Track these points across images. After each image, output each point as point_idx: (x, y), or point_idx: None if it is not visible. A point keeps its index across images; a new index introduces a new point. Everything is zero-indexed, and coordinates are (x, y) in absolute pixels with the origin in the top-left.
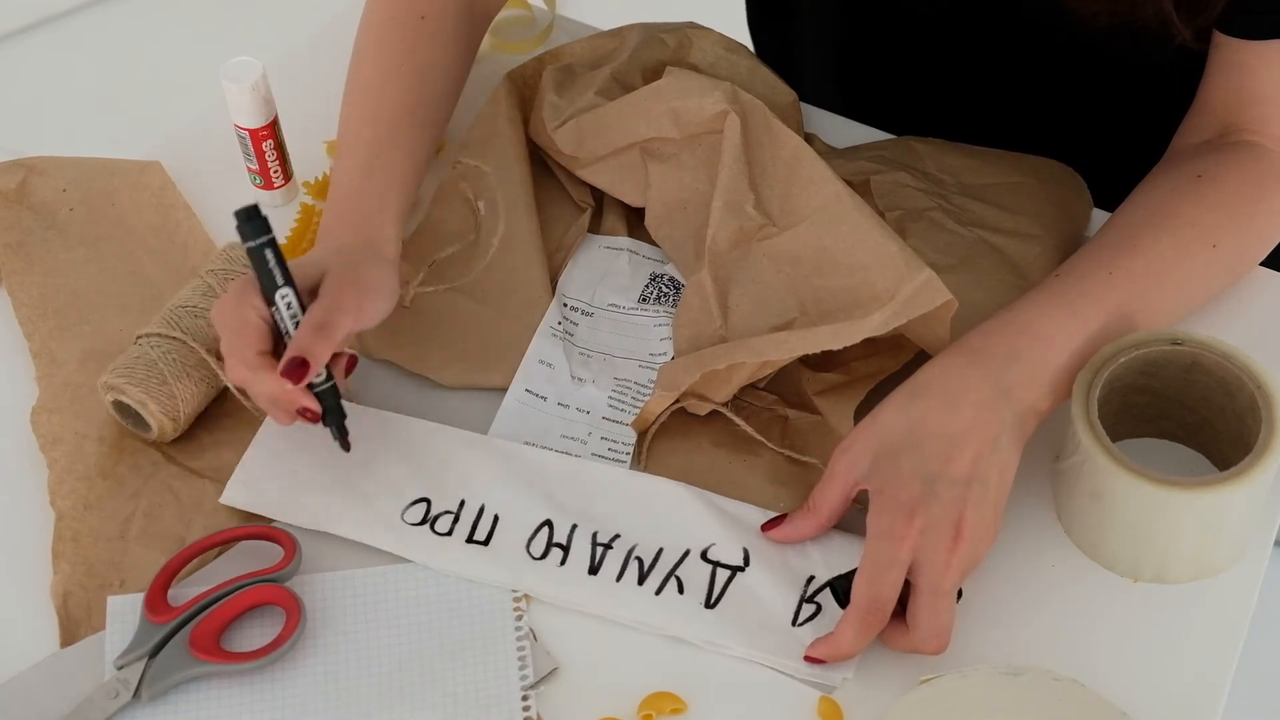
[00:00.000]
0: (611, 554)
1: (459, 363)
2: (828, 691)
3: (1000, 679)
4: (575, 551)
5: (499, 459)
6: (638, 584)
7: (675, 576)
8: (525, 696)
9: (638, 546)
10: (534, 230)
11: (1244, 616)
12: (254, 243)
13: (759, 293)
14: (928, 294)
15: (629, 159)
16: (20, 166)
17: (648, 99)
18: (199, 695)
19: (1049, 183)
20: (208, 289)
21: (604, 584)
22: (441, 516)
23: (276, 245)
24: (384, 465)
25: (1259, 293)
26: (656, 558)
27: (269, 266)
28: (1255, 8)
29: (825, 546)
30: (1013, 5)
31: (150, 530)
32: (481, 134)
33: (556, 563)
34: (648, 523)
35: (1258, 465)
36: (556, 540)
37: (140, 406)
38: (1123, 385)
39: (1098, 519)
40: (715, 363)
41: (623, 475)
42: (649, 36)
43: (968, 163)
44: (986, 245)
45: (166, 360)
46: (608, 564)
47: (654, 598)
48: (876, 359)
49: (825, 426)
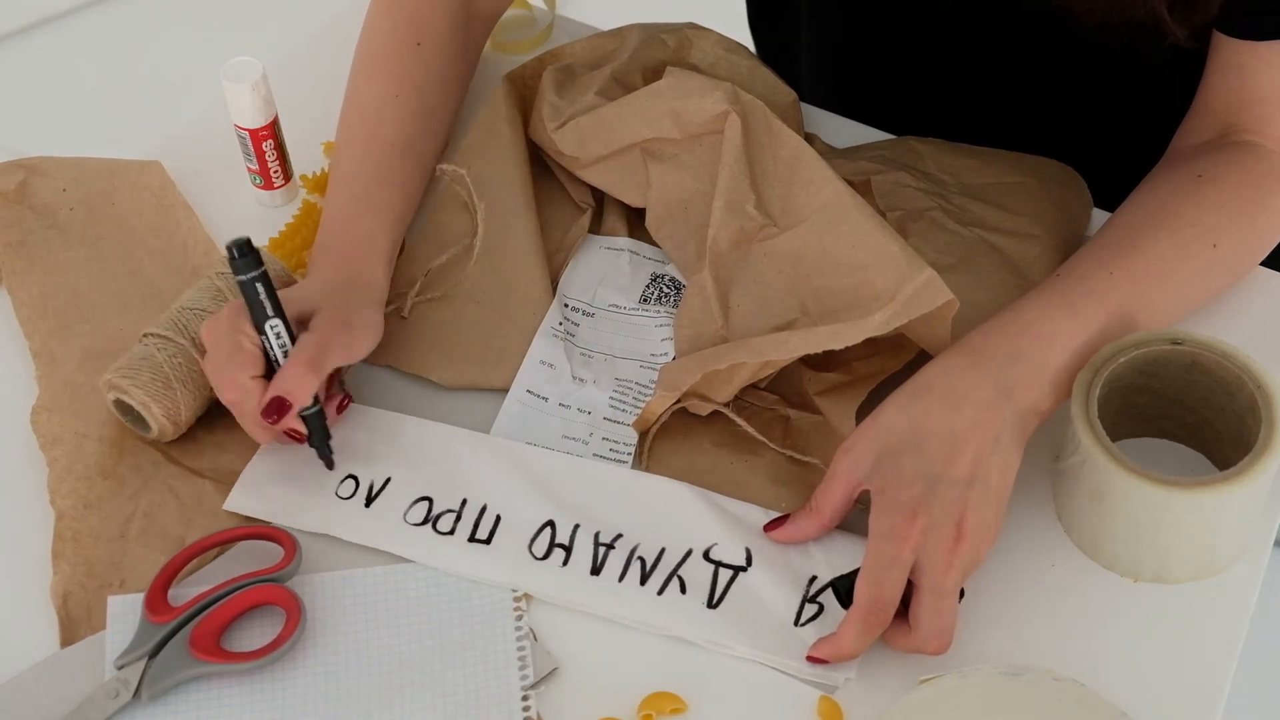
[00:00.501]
0: (614, 554)
1: (460, 364)
2: (829, 691)
3: (1001, 679)
4: (577, 552)
5: (501, 458)
6: (640, 584)
7: (677, 576)
8: (525, 696)
9: (640, 546)
10: (534, 231)
11: (1244, 616)
12: (244, 276)
13: (760, 293)
14: (929, 294)
15: (629, 159)
16: (20, 167)
17: (648, 99)
18: (199, 695)
19: (1049, 183)
20: (216, 291)
21: (606, 584)
22: (443, 515)
23: (268, 278)
24: (386, 466)
25: (1259, 293)
26: (659, 558)
27: (260, 299)
28: (1256, 8)
29: (827, 546)
30: (1013, 5)
31: (150, 530)
32: (481, 136)
33: (559, 563)
34: (650, 523)
35: (1258, 465)
36: (559, 540)
37: (143, 409)
38: (1123, 385)
39: (1098, 519)
40: (716, 363)
41: (625, 475)
42: (649, 37)
43: (968, 163)
44: (987, 245)
45: (172, 364)
46: (610, 564)
47: (656, 598)
48: (878, 359)
49: (827, 426)
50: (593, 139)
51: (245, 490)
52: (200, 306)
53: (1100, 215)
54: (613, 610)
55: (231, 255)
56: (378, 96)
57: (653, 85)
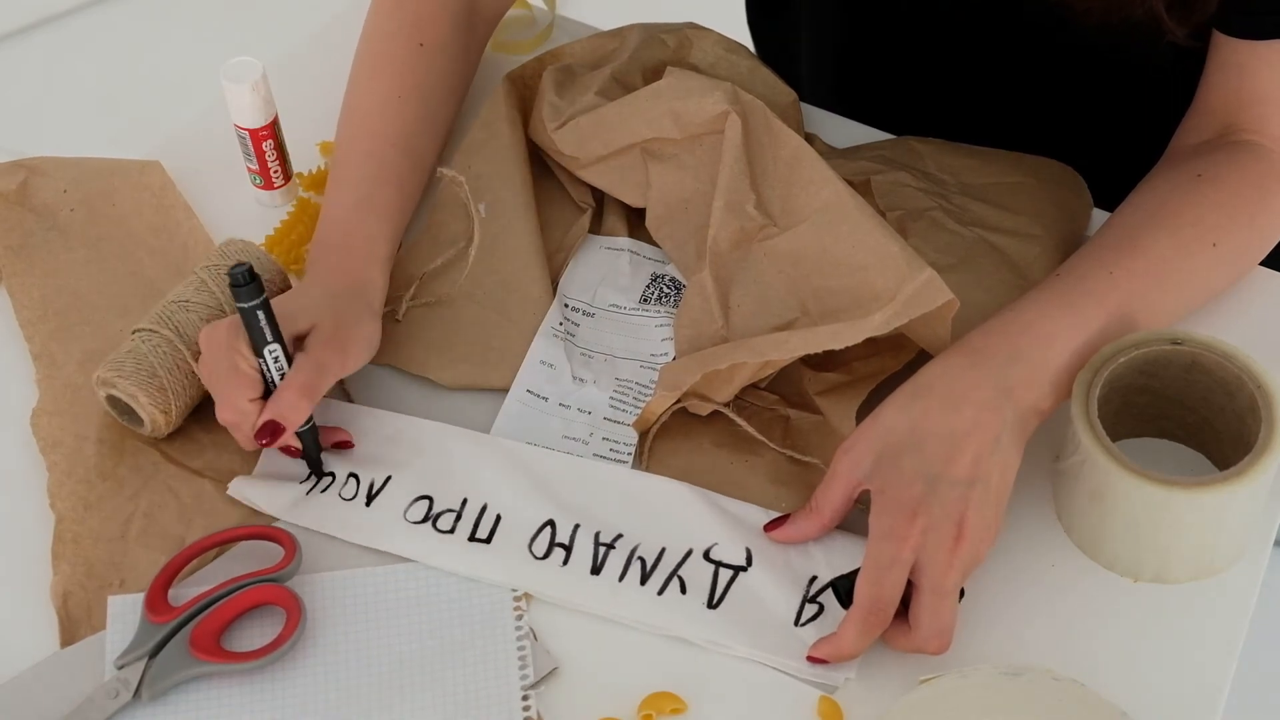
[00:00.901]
0: (614, 554)
1: (460, 364)
2: (829, 692)
3: (1000, 679)
4: (578, 551)
5: (501, 457)
6: (640, 584)
7: (678, 576)
8: (525, 696)
9: (640, 546)
10: (534, 231)
11: (1244, 616)
12: (246, 305)
13: (760, 293)
14: (929, 293)
15: (629, 159)
16: (20, 167)
17: (648, 99)
18: (199, 695)
19: (1049, 182)
20: (201, 284)
21: (606, 584)
22: (443, 514)
23: (269, 306)
24: (386, 465)
25: (1259, 293)
26: (659, 558)
27: (260, 326)
28: (1255, 8)
29: (827, 546)
30: (1013, 5)
31: (150, 530)
32: (481, 136)
33: (559, 563)
34: (650, 523)
35: (1258, 465)
36: (559, 540)
37: (131, 400)
38: (1123, 385)
39: (1098, 519)
40: (717, 363)
41: (625, 475)
42: (649, 37)
43: (968, 163)
44: (987, 245)
45: (158, 354)
46: (610, 564)
47: (656, 598)
48: (878, 359)
49: (827, 426)
50: (593, 139)
51: (248, 480)
52: (185, 299)
53: (1100, 215)
54: (612, 610)
55: (235, 282)
56: (380, 97)
57: (653, 85)
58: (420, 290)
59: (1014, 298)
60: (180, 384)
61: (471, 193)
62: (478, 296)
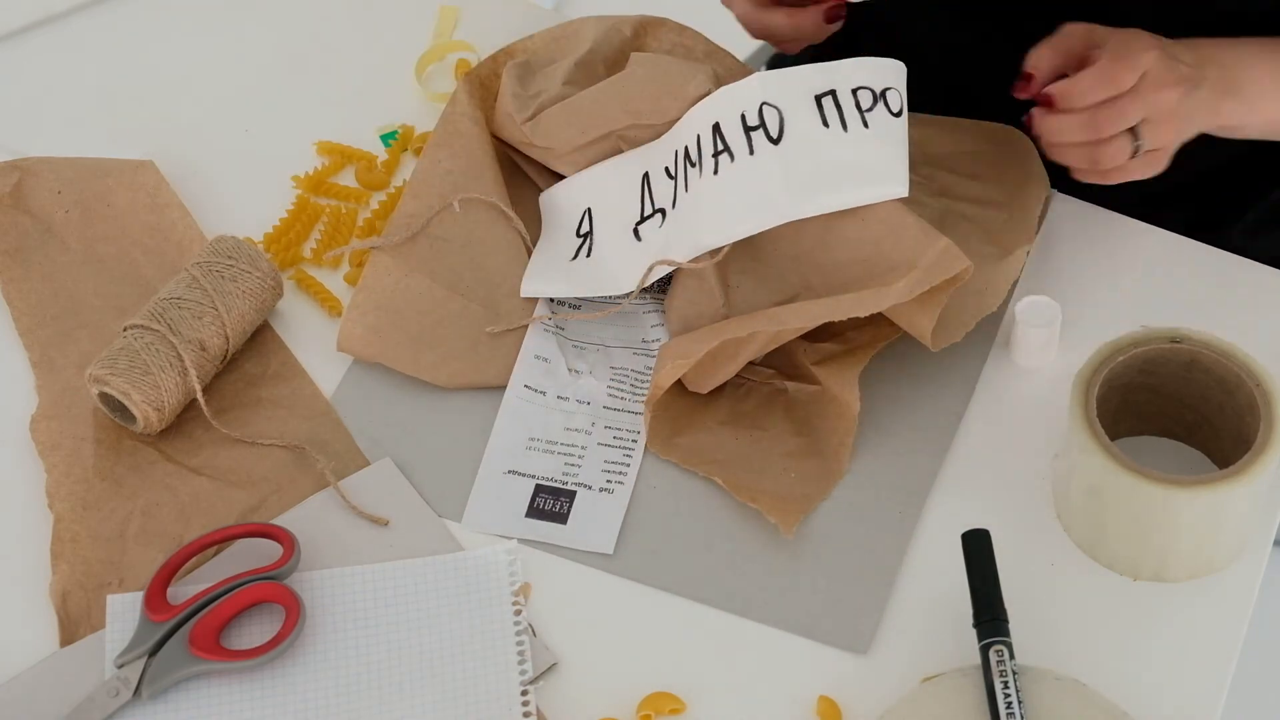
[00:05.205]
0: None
1: (452, 363)
2: (832, 688)
3: None
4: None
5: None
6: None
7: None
8: (525, 692)
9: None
10: (512, 226)
11: (1244, 615)
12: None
13: (759, 270)
14: (948, 261)
15: (606, 147)
16: (14, 168)
17: (624, 84)
18: (199, 693)
19: (1003, 146)
20: (193, 280)
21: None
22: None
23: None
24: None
25: (1258, 291)
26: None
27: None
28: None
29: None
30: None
31: (149, 529)
32: (445, 133)
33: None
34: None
35: (1257, 463)
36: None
37: (124, 397)
38: (1122, 383)
39: (1097, 518)
40: (736, 331)
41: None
42: (607, 27)
43: (926, 132)
44: (957, 214)
45: (150, 351)
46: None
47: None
48: (872, 328)
49: (826, 395)
50: (568, 127)
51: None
52: (177, 295)
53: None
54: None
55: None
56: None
57: (626, 70)
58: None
59: (989, 266)
60: (173, 381)
61: (441, 189)
62: (462, 289)
